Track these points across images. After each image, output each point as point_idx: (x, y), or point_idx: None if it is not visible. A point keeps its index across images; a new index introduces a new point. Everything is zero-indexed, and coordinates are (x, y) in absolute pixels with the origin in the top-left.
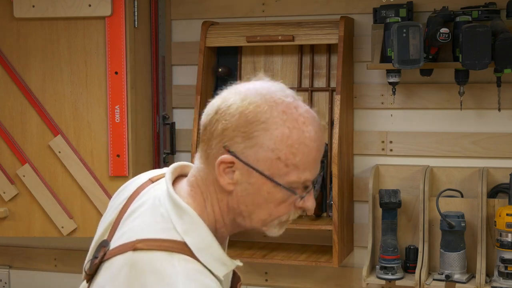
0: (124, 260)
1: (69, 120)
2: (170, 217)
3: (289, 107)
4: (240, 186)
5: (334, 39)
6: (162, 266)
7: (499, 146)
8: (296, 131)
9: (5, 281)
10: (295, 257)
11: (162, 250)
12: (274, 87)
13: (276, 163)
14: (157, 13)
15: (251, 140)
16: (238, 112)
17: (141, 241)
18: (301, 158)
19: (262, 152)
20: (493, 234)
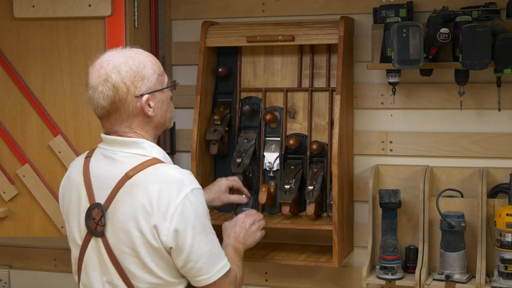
0: (125, 187)
1: (69, 120)
2: (130, 152)
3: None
4: (155, 108)
5: (334, 39)
6: (155, 173)
7: (499, 146)
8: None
9: (5, 281)
10: (295, 257)
11: (148, 166)
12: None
13: (159, 78)
14: (157, 13)
15: (144, 77)
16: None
17: (130, 170)
18: (160, 66)
19: (152, 78)
20: (493, 234)
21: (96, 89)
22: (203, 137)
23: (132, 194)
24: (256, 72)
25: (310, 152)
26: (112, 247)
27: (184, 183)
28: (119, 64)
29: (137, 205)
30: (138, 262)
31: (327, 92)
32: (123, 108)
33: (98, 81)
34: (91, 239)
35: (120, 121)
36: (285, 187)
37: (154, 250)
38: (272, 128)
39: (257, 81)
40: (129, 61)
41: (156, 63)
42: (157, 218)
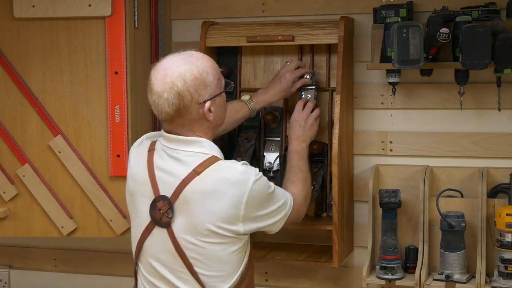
0: (194, 183)
1: (69, 120)
2: (192, 151)
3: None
4: (215, 113)
5: (334, 39)
6: (221, 169)
7: (499, 146)
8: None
9: (5, 281)
10: (295, 257)
11: (212, 163)
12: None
13: (218, 82)
14: (157, 13)
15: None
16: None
17: (197, 167)
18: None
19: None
20: (493, 234)
21: (161, 96)
22: None
23: (202, 189)
24: (256, 72)
25: (310, 152)
26: (177, 238)
27: (248, 175)
28: (184, 72)
29: (208, 199)
30: (204, 251)
31: (327, 92)
32: (187, 114)
33: (164, 88)
34: (154, 228)
35: (183, 125)
36: None
37: (223, 239)
38: (272, 128)
39: (257, 81)
40: (193, 69)
41: (215, 67)
42: (229, 209)
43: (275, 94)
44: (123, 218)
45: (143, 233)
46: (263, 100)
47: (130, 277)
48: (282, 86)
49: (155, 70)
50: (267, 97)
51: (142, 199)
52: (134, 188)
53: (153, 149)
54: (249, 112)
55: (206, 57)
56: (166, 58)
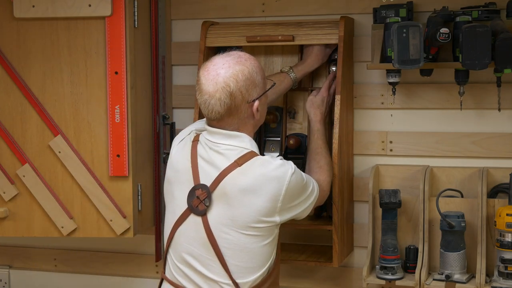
0: (234, 174)
1: (69, 120)
2: (232, 144)
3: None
4: (260, 110)
5: (334, 39)
6: (260, 163)
7: (499, 146)
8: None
9: (5, 281)
10: (295, 257)
11: (250, 158)
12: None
13: (264, 82)
14: (157, 13)
15: (256, 84)
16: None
17: (237, 160)
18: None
19: (261, 84)
20: (493, 234)
21: (213, 96)
22: None
23: (240, 184)
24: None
25: None
26: (211, 227)
27: (285, 169)
28: (237, 73)
29: (247, 195)
30: (237, 242)
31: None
32: (236, 113)
33: (216, 89)
34: (189, 215)
35: (231, 124)
36: None
37: (259, 231)
38: (272, 128)
39: None
40: (244, 70)
41: (261, 67)
42: (268, 203)
43: (312, 61)
44: (123, 218)
45: (178, 220)
46: (302, 68)
47: (130, 277)
48: (316, 54)
49: (205, 71)
50: (306, 66)
51: (180, 187)
52: (173, 175)
53: (197, 140)
54: (291, 82)
55: (253, 58)
56: (215, 58)
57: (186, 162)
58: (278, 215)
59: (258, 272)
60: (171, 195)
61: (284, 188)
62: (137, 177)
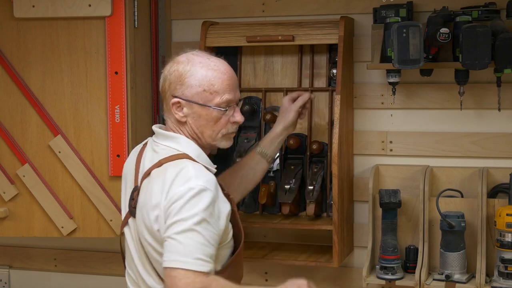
0: (152, 174)
1: (69, 120)
2: (169, 146)
3: (203, 58)
4: (189, 117)
5: (334, 39)
6: (179, 164)
7: (499, 146)
8: (210, 70)
9: (5, 281)
10: (295, 257)
11: (176, 159)
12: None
13: (204, 93)
14: (157, 13)
15: (184, 84)
16: (172, 73)
17: (163, 159)
18: (218, 86)
19: (193, 89)
20: (493, 234)
21: (164, 69)
22: None
23: (151, 181)
24: (256, 72)
25: (310, 152)
26: (137, 228)
27: (194, 180)
28: (179, 62)
29: (151, 191)
30: (147, 244)
31: (327, 92)
32: (164, 99)
33: (168, 65)
34: (129, 218)
35: (165, 110)
36: (285, 187)
37: (155, 234)
38: None
39: (257, 81)
40: (186, 65)
41: (218, 82)
42: (162, 204)
43: (279, 125)
44: None
45: (121, 224)
46: (268, 137)
47: None
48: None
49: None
50: (272, 133)
51: (124, 191)
52: (123, 181)
53: (145, 144)
54: (262, 159)
55: (213, 67)
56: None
57: (131, 166)
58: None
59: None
60: (122, 199)
61: (183, 190)
62: None
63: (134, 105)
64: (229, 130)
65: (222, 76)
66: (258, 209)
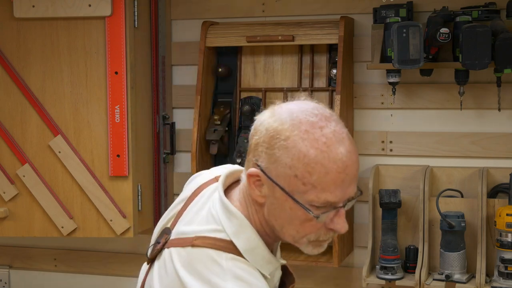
0: (180, 252)
1: (69, 120)
2: (220, 219)
3: (313, 126)
4: (268, 199)
5: (334, 39)
6: (212, 263)
7: (499, 146)
8: (314, 150)
9: (5, 281)
10: (295, 257)
11: (215, 249)
12: (306, 106)
13: (294, 180)
14: (157, 13)
15: (272, 156)
16: (265, 128)
17: (198, 238)
18: (318, 177)
19: (281, 168)
20: (493, 234)
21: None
22: (203, 137)
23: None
24: (256, 72)
25: None
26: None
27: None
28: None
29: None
30: None
31: (327, 92)
32: (249, 155)
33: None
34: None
35: (246, 165)
36: None
37: None
38: None
39: (257, 81)
40: (286, 127)
41: (320, 172)
42: None
43: None
44: (123, 218)
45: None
46: None
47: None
48: None
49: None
50: None
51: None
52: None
53: (212, 183)
54: None
55: (328, 152)
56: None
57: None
58: None
59: None
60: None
61: None
62: (137, 177)
63: (134, 105)
64: (321, 237)
65: (329, 164)
66: None
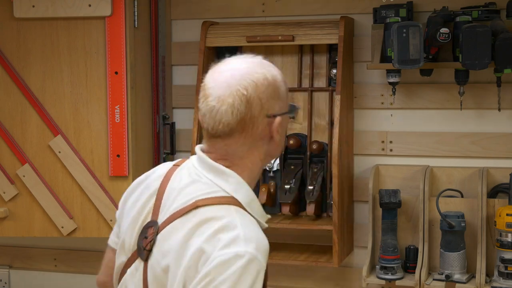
0: (187, 217)
1: (69, 120)
2: (214, 182)
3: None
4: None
5: (334, 39)
6: (223, 214)
7: (499, 146)
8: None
9: (5, 281)
10: (295, 257)
11: (221, 204)
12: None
13: (287, 99)
14: (157, 13)
15: (280, 96)
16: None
17: (200, 201)
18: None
19: (283, 97)
20: (493, 234)
21: (224, 101)
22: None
23: (188, 227)
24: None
25: (310, 152)
26: (148, 276)
27: (242, 243)
28: (258, 76)
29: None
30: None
31: (327, 92)
32: (251, 129)
33: (229, 92)
34: (136, 259)
35: (242, 144)
36: (285, 187)
37: None
38: None
39: None
40: (267, 74)
41: (285, 81)
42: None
43: None
44: None
45: (126, 263)
46: None
47: None
48: None
49: (214, 71)
50: None
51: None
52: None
53: (178, 165)
54: None
55: (276, 68)
56: (230, 59)
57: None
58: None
59: None
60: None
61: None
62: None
63: (134, 105)
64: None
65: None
66: None
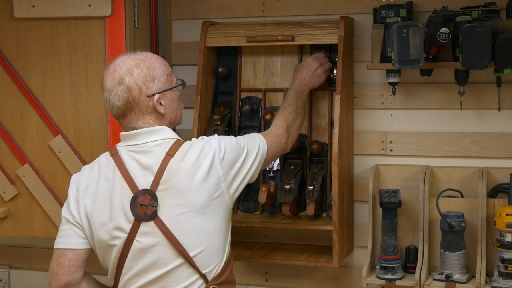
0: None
1: (69, 120)
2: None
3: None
4: (166, 107)
5: (334, 39)
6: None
7: (499, 146)
8: (156, 57)
9: (5, 281)
10: (295, 257)
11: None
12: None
13: (168, 78)
14: (157, 13)
15: (155, 78)
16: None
17: (168, 152)
18: (168, 66)
19: (161, 78)
20: (493, 234)
21: (111, 91)
22: None
23: (180, 167)
24: (256, 72)
25: (310, 152)
26: (167, 223)
27: (213, 141)
28: (131, 67)
29: (188, 173)
30: (196, 228)
31: (327, 92)
32: (137, 107)
33: (113, 84)
34: (139, 226)
35: (136, 119)
36: (285, 187)
37: (212, 209)
38: None
39: (257, 81)
40: (140, 64)
41: (165, 64)
42: (208, 175)
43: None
44: None
45: (127, 240)
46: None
47: None
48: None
49: (106, 70)
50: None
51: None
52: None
53: (115, 153)
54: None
55: (155, 55)
56: (117, 58)
57: (115, 178)
58: (224, 184)
59: (219, 257)
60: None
61: (218, 157)
62: None
63: None
64: (182, 103)
65: (162, 59)
66: (258, 209)
